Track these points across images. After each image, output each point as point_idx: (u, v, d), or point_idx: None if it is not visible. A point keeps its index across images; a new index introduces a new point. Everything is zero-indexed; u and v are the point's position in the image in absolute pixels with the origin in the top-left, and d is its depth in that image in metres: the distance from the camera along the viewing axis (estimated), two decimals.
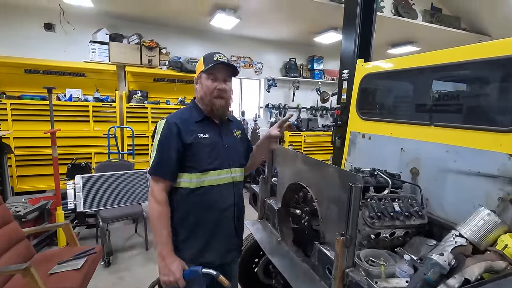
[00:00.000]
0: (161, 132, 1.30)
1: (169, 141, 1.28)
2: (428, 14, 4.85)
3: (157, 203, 1.27)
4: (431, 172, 1.84)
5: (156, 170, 1.28)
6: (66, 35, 4.75)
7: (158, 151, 1.28)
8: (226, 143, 1.42)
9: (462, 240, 1.39)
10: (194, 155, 1.30)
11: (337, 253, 1.18)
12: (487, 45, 1.57)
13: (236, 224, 1.44)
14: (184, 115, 1.37)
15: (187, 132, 1.30)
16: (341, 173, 1.28)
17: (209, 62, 1.33)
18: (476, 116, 1.73)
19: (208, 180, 1.33)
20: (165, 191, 1.29)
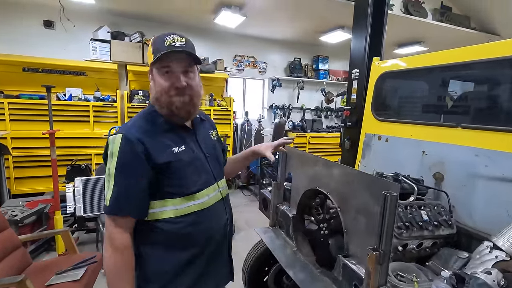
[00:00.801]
0: (119, 154, 0.93)
1: (133, 165, 0.94)
2: (438, 13, 4.74)
3: (118, 252, 0.93)
4: (458, 177, 1.72)
5: (117, 205, 0.94)
6: (66, 32, 4.62)
7: (117, 182, 0.93)
8: (207, 152, 1.14)
9: (502, 254, 1.27)
10: (174, 177, 1.00)
11: (369, 270, 1.06)
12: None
13: (229, 244, 1.22)
14: (146, 124, 1.01)
15: (159, 149, 0.97)
16: (373, 180, 1.15)
17: (158, 50, 0.98)
18: (509, 117, 1.60)
19: (195, 204, 1.04)
20: (129, 231, 0.97)
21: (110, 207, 0.94)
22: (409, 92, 2.36)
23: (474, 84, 1.89)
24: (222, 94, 5.78)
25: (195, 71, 1.08)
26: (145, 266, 1.03)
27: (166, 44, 0.99)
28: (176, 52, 0.99)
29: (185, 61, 1.03)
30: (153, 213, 1.00)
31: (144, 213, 0.99)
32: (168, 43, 0.99)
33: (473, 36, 5.16)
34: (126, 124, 1.03)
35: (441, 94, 1.98)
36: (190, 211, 1.04)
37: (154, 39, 1.03)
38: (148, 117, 1.05)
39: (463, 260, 1.42)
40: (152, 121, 1.03)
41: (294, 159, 1.82)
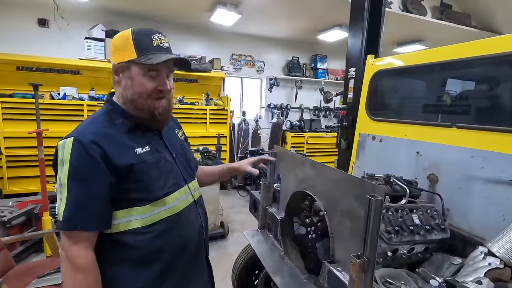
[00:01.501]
0: (71, 161, 0.82)
1: (91, 172, 0.83)
2: (438, 11, 4.66)
3: (76, 271, 0.82)
4: (452, 179, 1.65)
5: (73, 221, 0.82)
6: (61, 31, 4.58)
7: (71, 192, 0.82)
8: (174, 153, 1.06)
9: (495, 261, 1.20)
10: (138, 181, 0.90)
11: (352, 278, 0.99)
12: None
13: (207, 251, 1.15)
14: (103, 125, 0.91)
15: (119, 151, 0.88)
16: (357, 183, 1.09)
17: (145, 49, 0.91)
18: (507, 117, 1.53)
19: (165, 210, 0.95)
20: (91, 247, 0.86)
21: (64, 222, 0.82)
22: (403, 91, 2.30)
23: (469, 82, 1.82)
24: (219, 93, 5.73)
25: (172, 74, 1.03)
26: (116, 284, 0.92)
27: (154, 45, 0.93)
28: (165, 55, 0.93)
29: (171, 65, 0.98)
30: (117, 225, 0.89)
31: (106, 225, 0.88)
32: (157, 44, 0.93)
33: (474, 34, 5.08)
34: (78, 126, 0.92)
35: (436, 92, 1.92)
36: (159, 218, 0.94)
37: (137, 34, 0.93)
38: (106, 116, 0.95)
39: (456, 266, 1.35)
40: (111, 121, 0.94)
41: (283, 160, 1.76)
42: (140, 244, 0.91)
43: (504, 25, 5.12)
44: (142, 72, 0.92)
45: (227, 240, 3.58)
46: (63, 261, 0.84)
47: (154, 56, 0.91)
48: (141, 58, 0.90)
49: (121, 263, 0.91)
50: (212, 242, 3.46)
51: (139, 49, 0.91)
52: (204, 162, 3.41)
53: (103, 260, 0.90)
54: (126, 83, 0.94)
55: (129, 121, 0.96)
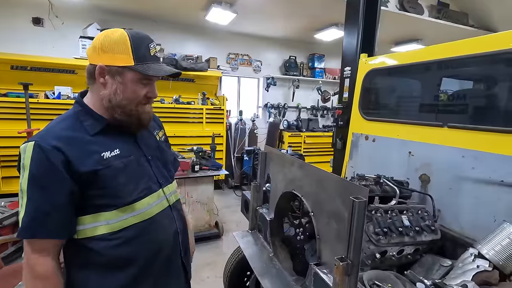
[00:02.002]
0: (31, 166, 0.80)
1: (50, 179, 0.80)
2: (435, 10, 4.63)
3: (40, 280, 0.81)
4: (444, 179, 1.63)
5: (33, 229, 0.79)
6: (55, 30, 4.55)
7: (31, 199, 0.79)
8: (149, 155, 1.02)
9: (484, 263, 1.18)
10: (104, 187, 0.87)
11: (336, 282, 0.97)
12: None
13: (183, 257, 1.09)
14: (69, 129, 0.87)
15: (82, 156, 0.84)
16: (342, 184, 1.07)
17: (143, 57, 0.90)
18: (498, 117, 1.51)
19: (134, 216, 0.91)
20: (53, 254, 0.84)
21: (23, 229, 0.79)
22: (396, 90, 2.27)
23: (461, 81, 1.80)
24: (216, 92, 5.70)
25: None
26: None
27: (151, 54, 0.93)
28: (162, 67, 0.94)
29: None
30: (83, 230, 0.87)
31: (68, 232, 0.85)
32: (153, 53, 0.93)
33: (471, 33, 5.05)
34: (44, 127, 0.88)
35: (428, 92, 1.90)
36: (127, 224, 0.90)
37: (135, 40, 0.90)
38: (73, 118, 0.91)
39: (446, 268, 1.33)
40: (78, 123, 0.90)
41: (273, 160, 1.74)
42: (105, 250, 0.88)
43: (502, 24, 5.09)
44: (136, 79, 0.91)
45: (222, 240, 3.56)
46: (24, 267, 0.82)
47: (152, 67, 0.91)
48: (139, 67, 0.89)
49: (88, 268, 0.89)
50: (207, 242, 3.44)
51: (137, 56, 0.89)
52: (198, 161, 3.39)
53: (71, 264, 0.90)
54: (116, 88, 0.90)
55: (99, 123, 0.92)
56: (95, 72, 0.89)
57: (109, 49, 0.88)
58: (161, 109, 4.85)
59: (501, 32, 1.40)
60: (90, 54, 0.91)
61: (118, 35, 0.89)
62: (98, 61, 0.88)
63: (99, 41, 0.89)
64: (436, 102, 1.79)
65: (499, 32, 1.42)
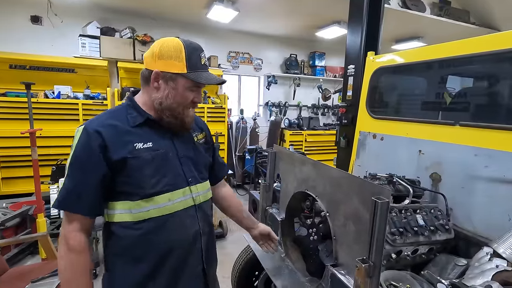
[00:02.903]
0: (76, 147, 0.89)
1: (88, 160, 0.89)
2: (437, 7, 4.62)
3: (69, 250, 0.87)
4: (456, 178, 1.62)
5: (68, 201, 0.89)
6: (54, 28, 4.48)
7: (70, 175, 0.89)
8: (181, 153, 1.05)
9: (503, 263, 1.17)
10: (131, 175, 0.92)
11: (358, 284, 0.96)
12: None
13: (204, 261, 1.07)
14: (114, 118, 0.96)
15: (118, 143, 0.91)
16: (362, 184, 1.05)
17: (194, 66, 0.97)
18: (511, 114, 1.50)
19: (153, 209, 0.95)
20: (84, 230, 0.91)
21: (58, 202, 0.90)
22: (405, 88, 2.26)
23: (473, 79, 1.79)
24: (216, 91, 5.67)
25: None
26: (111, 277, 0.99)
27: (202, 63, 1.00)
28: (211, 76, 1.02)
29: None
30: (112, 215, 0.95)
31: (96, 212, 0.93)
32: (203, 62, 1.00)
33: (473, 31, 5.05)
34: (95, 117, 0.98)
35: (439, 90, 1.88)
36: (148, 216, 0.95)
37: (189, 49, 0.97)
38: (122, 110, 1.00)
39: (461, 267, 1.33)
40: (124, 115, 0.98)
41: (282, 159, 1.72)
42: (129, 238, 0.94)
43: (503, 22, 5.10)
44: (187, 85, 0.98)
45: (226, 240, 3.55)
46: (60, 238, 0.91)
47: (202, 75, 0.99)
48: (191, 74, 0.96)
49: (115, 254, 0.97)
50: None
51: (190, 65, 0.96)
52: None
53: (105, 246, 1.00)
54: (168, 92, 0.97)
55: (140, 117, 0.99)
56: (151, 77, 0.96)
57: (165, 57, 0.95)
58: None
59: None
60: (147, 59, 0.99)
61: (174, 44, 0.96)
62: (154, 67, 0.96)
63: (156, 48, 0.96)
64: (447, 100, 1.77)
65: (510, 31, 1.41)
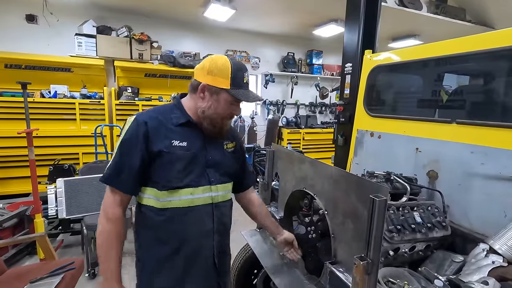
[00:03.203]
0: (126, 131, 1.05)
1: (133, 144, 1.03)
2: (433, 5, 4.63)
3: (106, 220, 1.02)
4: (452, 175, 1.63)
5: (111, 177, 1.03)
6: (50, 27, 4.45)
7: (118, 154, 1.04)
8: (209, 156, 1.14)
9: (499, 259, 1.19)
10: (162, 167, 1.04)
11: (356, 281, 0.97)
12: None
13: (216, 259, 1.17)
14: (161, 114, 1.09)
15: (159, 137, 1.04)
16: (361, 182, 1.06)
17: (238, 84, 1.07)
18: (508, 112, 1.51)
19: (176, 201, 1.06)
20: (122, 206, 1.04)
21: (104, 177, 1.04)
22: (402, 87, 2.27)
23: (469, 77, 1.80)
24: None
25: None
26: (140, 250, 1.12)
27: (244, 81, 1.10)
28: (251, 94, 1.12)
29: None
30: (143, 198, 1.09)
31: (133, 191, 1.07)
32: (246, 81, 1.11)
33: (469, 29, 5.07)
34: (146, 110, 1.12)
35: (435, 88, 1.89)
36: (170, 206, 1.06)
37: (234, 68, 1.07)
38: (169, 109, 1.13)
39: (458, 264, 1.34)
40: (169, 113, 1.10)
41: (281, 158, 1.73)
42: (154, 221, 1.07)
43: (498, 20, 5.13)
44: (229, 100, 1.08)
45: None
46: (101, 210, 1.04)
47: (244, 93, 1.09)
48: (234, 91, 1.07)
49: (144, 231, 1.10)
50: None
51: (233, 82, 1.06)
52: None
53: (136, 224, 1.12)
54: (211, 104, 1.08)
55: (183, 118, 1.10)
56: (198, 87, 1.08)
57: (213, 73, 1.05)
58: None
59: (509, 28, 1.39)
60: (197, 72, 1.10)
61: (223, 61, 1.06)
62: (203, 80, 1.07)
63: (207, 64, 1.07)
64: (443, 98, 1.78)
65: (508, 28, 1.41)
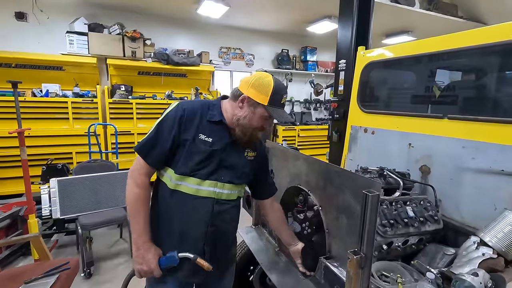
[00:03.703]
0: (167, 113, 1.16)
1: (169, 126, 1.13)
2: (426, 1, 4.67)
3: (136, 186, 1.14)
4: (444, 170, 1.66)
5: (143, 148, 1.14)
6: (40, 25, 4.37)
7: (154, 130, 1.15)
8: (227, 157, 1.21)
9: (489, 251, 1.21)
10: (183, 155, 1.15)
11: (350, 275, 0.98)
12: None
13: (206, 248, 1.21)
14: (201, 107, 1.20)
15: (191, 127, 1.15)
16: (353, 178, 1.07)
17: (275, 102, 1.16)
18: (497, 107, 1.54)
19: (183, 186, 1.16)
20: (148, 175, 1.16)
21: (138, 146, 1.15)
22: (395, 82, 2.29)
23: (461, 73, 1.82)
24: (208, 87, 5.63)
25: None
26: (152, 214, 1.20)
27: (281, 102, 1.17)
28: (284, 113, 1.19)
29: None
30: (161, 174, 1.20)
31: (158, 167, 1.18)
32: (283, 102, 1.18)
33: (461, 24, 5.12)
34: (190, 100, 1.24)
35: (428, 83, 1.91)
36: (178, 189, 1.16)
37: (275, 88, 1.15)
38: (205, 104, 1.21)
39: (450, 256, 1.36)
40: (205, 109, 1.19)
41: (275, 155, 1.74)
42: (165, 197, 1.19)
43: (489, 16, 5.18)
44: (263, 114, 1.16)
45: None
46: (129, 174, 1.16)
47: (278, 112, 1.17)
48: (270, 108, 1.15)
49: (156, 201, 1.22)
50: None
51: (272, 100, 1.14)
52: None
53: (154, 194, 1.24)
54: (247, 114, 1.17)
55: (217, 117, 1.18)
56: (240, 97, 1.16)
57: (255, 87, 1.15)
58: (154, 105, 4.77)
59: (503, 23, 1.41)
60: (242, 83, 1.19)
61: (267, 80, 1.15)
62: (245, 92, 1.16)
63: (253, 79, 1.16)
64: (435, 94, 1.81)
65: (498, 24, 1.43)
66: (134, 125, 4.68)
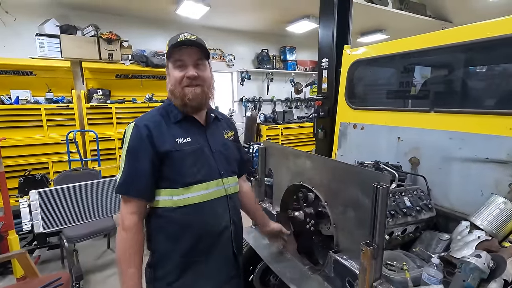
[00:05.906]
0: (130, 139, 1.05)
1: (140, 149, 1.04)
2: (397, 1, 4.90)
3: (125, 231, 1.01)
4: (433, 161, 1.76)
5: (124, 187, 1.03)
6: (6, 27, 4.07)
7: (126, 163, 1.04)
8: (214, 148, 1.17)
9: (482, 233, 1.30)
10: (174, 166, 1.06)
11: (364, 266, 1.01)
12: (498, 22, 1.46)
13: (234, 247, 1.21)
14: (157, 116, 1.11)
15: (162, 138, 1.06)
16: (361, 172, 1.11)
17: (174, 43, 1.08)
18: (481, 100, 1.65)
19: (193, 196, 1.08)
20: (137, 213, 1.04)
21: (119, 187, 1.04)
22: (381, 79, 2.39)
23: (444, 69, 1.93)
24: None
25: (206, 65, 1.15)
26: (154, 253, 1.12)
27: (179, 39, 1.07)
28: (187, 46, 1.07)
29: (195, 55, 1.10)
30: (158, 201, 1.08)
31: (147, 196, 1.06)
32: (181, 39, 1.07)
33: (429, 23, 5.43)
34: (141, 115, 1.12)
35: (413, 79, 2.01)
36: (187, 203, 1.07)
37: (170, 39, 1.11)
38: (162, 110, 1.14)
39: (445, 242, 1.45)
40: (164, 113, 1.12)
41: (274, 154, 1.75)
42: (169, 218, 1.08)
43: (455, 14, 5.53)
44: (173, 65, 1.09)
45: None
46: (119, 221, 1.05)
47: (176, 49, 1.07)
48: (169, 53, 1.08)
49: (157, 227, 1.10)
50: None
51: (171, 46, 1.08)
52: None
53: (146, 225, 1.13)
54: (168, 79, 1.12)
55: (179, 114, 1.12)
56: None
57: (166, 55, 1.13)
58: (134, 108, 4.62)
59: (482, 22, 1.52)
60: None
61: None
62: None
63: None
64: (422, 89, 1.90)
65: (483, 22, 1.53)
66: (114, 130, 4.50)
